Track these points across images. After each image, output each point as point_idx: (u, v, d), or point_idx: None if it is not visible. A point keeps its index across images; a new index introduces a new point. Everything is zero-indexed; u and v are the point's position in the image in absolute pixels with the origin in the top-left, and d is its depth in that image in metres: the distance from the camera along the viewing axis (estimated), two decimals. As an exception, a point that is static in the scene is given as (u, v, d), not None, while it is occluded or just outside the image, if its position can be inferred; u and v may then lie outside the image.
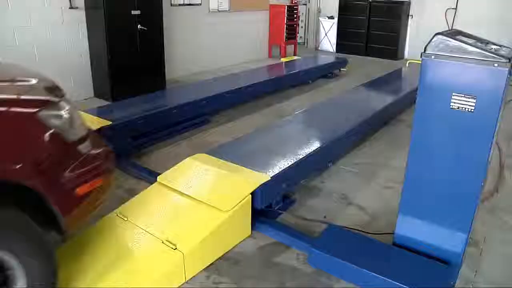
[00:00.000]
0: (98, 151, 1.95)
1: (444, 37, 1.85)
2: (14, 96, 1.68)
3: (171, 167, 2.90)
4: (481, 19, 8.24)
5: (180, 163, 2.94)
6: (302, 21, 10.87)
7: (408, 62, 7.26)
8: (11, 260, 1.60)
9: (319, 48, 10.77)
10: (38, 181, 1.63)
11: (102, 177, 1.93)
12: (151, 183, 2.85)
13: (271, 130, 3.66)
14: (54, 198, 1.69)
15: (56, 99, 1.80)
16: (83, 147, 1.88)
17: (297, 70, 6.63)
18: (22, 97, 1.71)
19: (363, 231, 2.61)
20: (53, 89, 1.89)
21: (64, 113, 1.79)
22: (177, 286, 2.19)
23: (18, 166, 1.56)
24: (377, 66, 8.44)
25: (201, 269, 2.31)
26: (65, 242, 1.92)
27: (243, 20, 8.45)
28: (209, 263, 2.36)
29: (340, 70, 7.79)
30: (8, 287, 1.62)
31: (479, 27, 7.86)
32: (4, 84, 1.78)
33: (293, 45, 9.45)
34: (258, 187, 2.57)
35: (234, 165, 2.84)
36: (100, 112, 3.99)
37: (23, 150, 1.60)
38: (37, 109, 1.66)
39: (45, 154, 1.69)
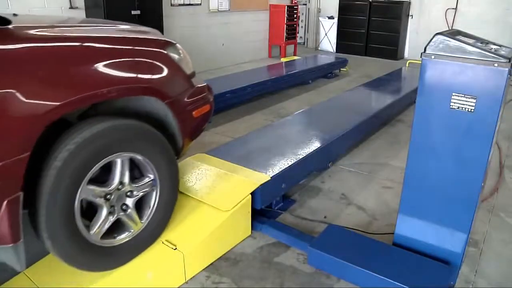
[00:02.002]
0: (203, 84, 2.43)
1: (444, 37, 1.85)
2: (149, 37, 2.19)
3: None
4: (481, 19, 8.24)
5: (180, 163, 2.94)
6: (302, 21, 10.88)
7: (408, 62, 7.26)
8: (144, 161, 2.02)
9: (319, 48, 10.77)
10: (171, 101, 2.10)
11: (208, 104, 2.45)
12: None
13: (271, 130, 3.66)
14: (179, 117, 2.17)
15: (174, 41, 2.27)
16: (194, 80, 2.36)
17: (297, 70, 6.63)
18: (154, 37, 2.20)
19: (363, 231, 2.61)
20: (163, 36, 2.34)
21: (180, 52, 2.27)
22: (177, 286, 2.19)
23: (158, 88, 2.04)
24: (377, 66, 8.44)
25: (201, 269, 2.31)
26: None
27: (243, 20, 8.46)
28: (209, 263, 2.36)
29: (340, 70, 7.79)
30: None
31: (479, 27, 7.87)
32: (137, 29, 2.29)
33: (293, 45, 9.45)
34: (258, 187, 2.57)
35: (234, 165, 2.85)
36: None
37: (161, 76, 2.07)
38: (165, 47, 2.16)
39: (173, 80, 2.17)
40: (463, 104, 1.85)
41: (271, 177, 2.68)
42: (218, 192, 2.60)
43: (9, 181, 1.56)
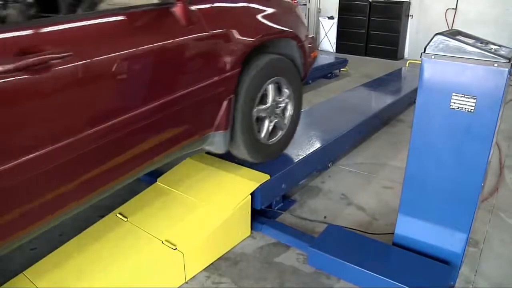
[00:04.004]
0: (312, 35, 3.25)
1: (444, 37, 1.85)
2: None
3: (171, 167, 2.90)
4: (481, 19, 8.24)
5: (180, 163, 2.94)
6: (302, 21, 10.85)
7: (408, 62, 7.25)
8: (286, 85, 2.81)
9: (319, 48, 10.76)
10: (301, 44, 2.92)
11: (315, 51, 3.28)
12: (151, 184, 2.85)
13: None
14: (304, 56, 2.99)
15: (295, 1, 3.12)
16: (308, 32, 3.13)
17: (297, 70, 6.60)
18: None
19: (363, 231, 2.61)
20: None
21: (299, 9, 3.04)
22: (177, 286, 2.19)
23: (297, 33, 2.85)
24: (377, 66, 8.44)
25: (201, 269, 2.31)
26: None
27: (243, 20, 8.43)
28: (209, 263, 2.36)
29: (340, 70, 7.78)
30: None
31: (479, 27, 7.87)
32: None
33: (293, 45, 9.42)
34: (258, 187, 2.57)
35: (234, 165, 2.85)
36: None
37: (297, 25, 2.88)
38: (293, 5, 2.96)
39: (302, 29, 2.93)
40: (463, 104, 1.85)
41: (271, 177, 2.68)
42: (217, 192, 2.60)
43: (229, 86, 2.33)
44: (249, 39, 2.38)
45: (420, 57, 1.91)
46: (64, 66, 1.53)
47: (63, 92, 1.58)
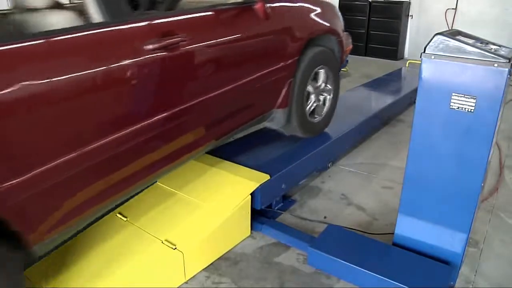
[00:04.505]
0: (347, 33, 3.63)
1: (444, 37, 1.85)
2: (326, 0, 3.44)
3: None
4: (481, 19, 8.23)
5: (180, 163, 2.94)
6: (302, 21, 10.83)
7: (408, 62, 7.25)
8: (327, 72, 3.26)
9: (319, 48, 10.74)
10: (340, 39, 3.40)
11: (351, 45, 3.80)
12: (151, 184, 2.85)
13: (271, 130, 3.65)
14: (341, 49, 3.47)
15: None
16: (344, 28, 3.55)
17: (297, 70, 6.59)
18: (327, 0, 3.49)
19: (363, 231, 2.61)
20: None
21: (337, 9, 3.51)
22: (177, 286, 2.19)
23: (337, 29, 3.34)
24: (377, 66, 8.43)
25: (201, 269, 2.31)
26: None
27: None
28: (209, 263, 2.36)
29: (340, 70, 7.77)
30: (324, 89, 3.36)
31: (479, 27, 7.86)
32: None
33: (293, 45, 9.40)
34: (258, 187, 2.57)
35: (234, 165, 2.85)
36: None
37: (337, 23, 3.37)
38: (334, 6, 3.50)
39: (340, 26, 3.42)
40: (463, 104, 1.85)
41: (271, 178, 2.68)
42: (217, 193, 2.60)
43: (291, 71, 2.84)
44: (306, 32, 2.91)
45: (420, 57, 1.91)
46: (188, 47, 2.00)
47: (185, 66, 2.06)
